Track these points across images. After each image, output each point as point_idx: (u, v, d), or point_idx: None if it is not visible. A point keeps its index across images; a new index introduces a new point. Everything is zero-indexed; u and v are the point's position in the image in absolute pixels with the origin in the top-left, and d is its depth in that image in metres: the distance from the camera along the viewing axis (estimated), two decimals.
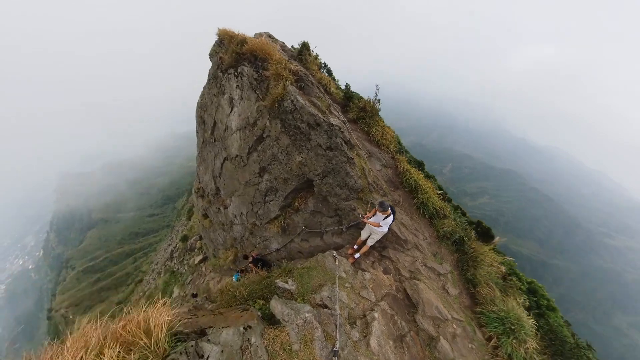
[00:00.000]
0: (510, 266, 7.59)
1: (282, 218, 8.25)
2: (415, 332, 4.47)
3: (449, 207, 7.55)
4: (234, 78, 7.96)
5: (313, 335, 3.27)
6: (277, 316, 3.46)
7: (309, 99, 6.25)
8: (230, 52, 7.67)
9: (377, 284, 5.12)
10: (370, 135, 7.94)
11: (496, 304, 5.61)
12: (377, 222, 5.08)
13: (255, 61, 7.10)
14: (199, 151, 14.57)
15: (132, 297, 30.57)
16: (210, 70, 10.33)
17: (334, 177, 5.93)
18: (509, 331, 5.11)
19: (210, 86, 10.03)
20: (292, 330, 3.22)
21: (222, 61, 8.47)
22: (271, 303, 3.67)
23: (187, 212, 37.92)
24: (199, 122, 12.67)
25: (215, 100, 9.71)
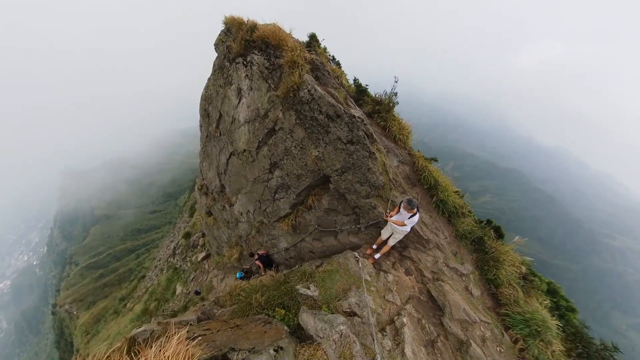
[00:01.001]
0: (529, 267, 7.40)
1: (293, 216, 7.99)
2: (444, 336, 4.29)
3: (467, 206, 7.34)
4: (242, 67, 7.50)
5: (352, 351, 3.02)
6: (310, 332, 3.19)
7: (326, 90, 5.95)
8: (239, 40, 7.23)
9: (401, 286, 4.92)
10: (386, 130, 7.67)
11: (520, 305, 5.44)
12: (402, 221, 4.85)
13: (266, 49, 6.68)
14: (202, 146, 14.18)
15: (135, 294, 30.59)
16: (215, 61, 9.80)
17: (354, 173, 5.67)
18: (534, 333, 4.95)
19: (215, 77, 9.57)
20: (330, 348, 2.96)
21: (229, 50, 8.02)
22: (302, 317, 3.39)
23: (189, 209, 37.78)
24: (202, 115, 12.17)
25: (221, 92, 9.25)
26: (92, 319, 36.35)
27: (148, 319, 19.93)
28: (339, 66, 10.78)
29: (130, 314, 25.00)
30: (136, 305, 25.22)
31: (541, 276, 7.64)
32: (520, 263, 6.89)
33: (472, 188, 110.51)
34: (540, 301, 6.14)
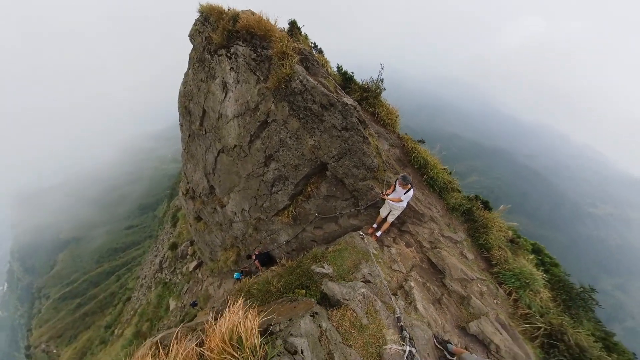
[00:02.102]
0: (515, 231, 8.49)
1: (292, 207, 8.46)
2: (447, 294, 5.07)
3: (457, 181, 8.25)
4: (226, 60, 7.67)
5: (375, 307, 3.63)
6: (337, 297, 3.72)
7: (317, 79, 6.45)
8: (221, 31, 7.35)
9: (404, 257, 5.66)
10: (375, 115, 8.35)
11: (509, 263, 6.40)
12: (398, 197, 5.55)
13: (252, 40, 6.92)
14: (185, 147, 14.07)
15: (122, 318, 29.74)
16: (192, 53, 9.75)
17: (351, 157, 6.29)
18: (524, 285, 5.90)
19: (195, 71, 9.57)
20: (357, 307, 3.53)
21: (209, 41, 8.10)
22: (327, 286, 3.90)
23: (171, 218, 36.95)
24: (183, 113, 11.96)
25: (203, 87, 9.30)
26: (77, 354, 34.92)
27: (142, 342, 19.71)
28: (322, 54, 11.23)
29: (120, 340, 24.42)
30: (126, 329, 24.65)
31: (526, 238, 8.79)
32: (507, 228, 7.93)
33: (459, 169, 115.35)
34: (527, 259, 7.19)
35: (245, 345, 2.28)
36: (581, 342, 4.98)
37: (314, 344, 2.77)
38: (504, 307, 5.66)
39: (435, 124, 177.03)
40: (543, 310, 5.77)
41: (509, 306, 5.79)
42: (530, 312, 5.63)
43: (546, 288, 6.30)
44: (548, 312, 5.76)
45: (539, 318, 5.55)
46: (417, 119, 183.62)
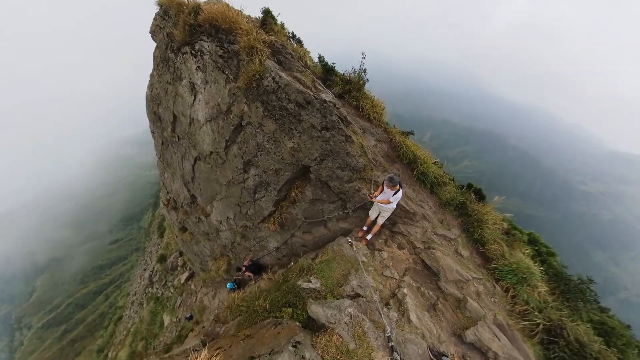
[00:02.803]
0: (510, 222, 8.49)
1: (278, 214, 8.20)
2: (443, 298, 4.94)
3: (447, 175, 8.12)
4: (191, 58, 7.19)
5: (364, 328, 3.44)
6: (321, 320, 3.53)
7: (291, 75, 6.08)
8: (182, 25, 6.79)
9: (396, 261, 5.49)
10: (359, 109, 8.06)
11: (506, 258, 6.35)
12: (387, 199, 5.33)
13: (217, 34, 6.43)
14: (159, 155, 13.49)
15: (115, 339, 28.97)
16: (155, 52, 9.14)
17: (334, 159, 6.01)
18: (522, 280, 5.86)
19: (160, 72, 9.02)
20: (343, 330, 3.33)
21: (171, 38, 7.55)
22: (311, 309, 3.71)
23: (158, 228, 36.04)
24: (152, 119, 11.39)
25: (170, 89, 8.79)
26: None
27: None
28: (300, 44, 10.74)
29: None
30: (120, 351, 24.05)
31: (521, 229, 8.82)
32: (502, 220, 7.90)
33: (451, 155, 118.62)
34: (523, 251, 7.17)
35: None
36: (581, 337, 4.98)
37: None
38: (501, 305, 5.61)
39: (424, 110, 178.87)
40: (541, 305, 5.75)
41: (507, 303, 5.74)
42: (529, 309, 5.61)
43: (544, 281, 6.29)
44: (546, 306, 5.75)
45: (537, 314, 5.53)
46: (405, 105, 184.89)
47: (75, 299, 58.26)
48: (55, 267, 75.72)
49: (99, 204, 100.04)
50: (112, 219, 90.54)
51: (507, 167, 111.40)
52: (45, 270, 75.66)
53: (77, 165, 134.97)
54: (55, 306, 59.33)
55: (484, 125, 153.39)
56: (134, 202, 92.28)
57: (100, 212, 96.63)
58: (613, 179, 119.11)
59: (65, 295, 61.94)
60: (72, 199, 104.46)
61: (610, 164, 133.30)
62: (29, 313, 61.84)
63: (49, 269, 75.68)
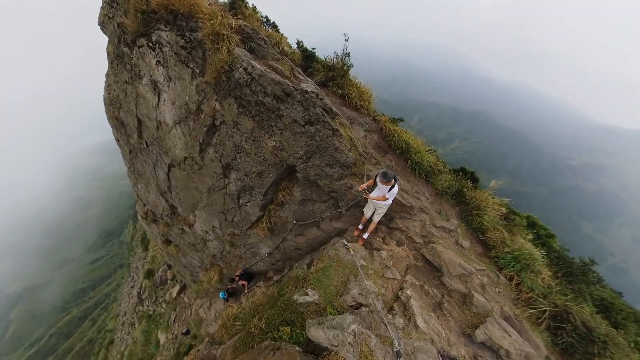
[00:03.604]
0: (508, 206, 8.49)
1: (267, 218, 7.84)
2: (448, 294, 4.81)
3: (441, 162, 7.96)
4: (149, 51, 6.51)
5: (370, 346, 3.21)
6: (323, 344, 3.28)
7: (266, 64, 5.60)
8: (133, 13, 6.09)
9: (396, 259, 5.30)
10: (345, 98, 7.69)
11: (507, 245, 6.30)
12: (382, 195, 5.09)
13: (175, 20, 5.79)
14: (128, 165, 12.64)
15: None
16: (108, 47, 8.30)
17: (321, 156, 5.65)
18: (525, 267, 5.83)
19: (116, 71, 8.25)
20: (348, 352, 3.09)
21: (123, 30, 6.79)
22: (310, 333, 3.44)
23: (141, 241, 34.82)
24: (115, 125, 10.53)
25: (130, 90, 8.07)
26: None
27: None
28: (276, 29, 10.15)
29: None
30: None
31: (520, 213, 8.86)
32: (500, 205, 7.87)
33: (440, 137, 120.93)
34: (523, 236, 7.17)
35: None
36: (587, 321, 4.99)
37: None
38: (506, 295, 5.56)
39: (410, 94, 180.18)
40: (546, 290, 5.76)
41: (512, 292, 5.71)
42: (534, 296, 5.59)
43: (546, 265, 6.30)
44: (551, 292, 5.76)
45: (543, 301, 5.52)
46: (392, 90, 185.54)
47: (58, 329, 55.21)
48: (30, 297, 70.44)
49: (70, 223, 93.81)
50: (88, 237, 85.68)
51: (496, 146, 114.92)
52: (19, 302, 70.19)
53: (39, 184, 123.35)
54: (36, 339, 55.93)
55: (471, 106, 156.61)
56: (110, 216, 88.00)
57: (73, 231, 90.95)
58: (597, 151, 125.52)
59: (46, 326, 58.41)
60: (37, 221, 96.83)
61: (594, 137, 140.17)
62: (6, 351, 58.01)
63: (23, 300, 70.32)
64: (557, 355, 5.26)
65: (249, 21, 8.31)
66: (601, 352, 5.03)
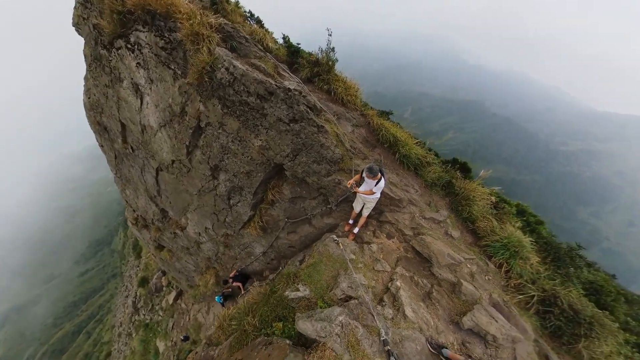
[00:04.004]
0: (497, 195, 8.70)
1: (258, 217, 7.94)
2: (437, 284, 4.97)
3: (431, 154, 8.10)
4: (128, 53, 6.48)
5: (357, 336, 3.36)
6: (311, 336, 3.42)
7: (248, 62, 5.64)
8: (109, 14, 6.01)
9: (386, 252, 5.44)
10: (332, 93, 7.76)
11: (497, 233, 6.49)
12: (369, 190, 5.20)
13: (154, 21, 5.78)
14: (115, 171, 12.53)
15: None
16: (85, 49, 8.22)
17: (307, 153, 5.73)
18: (514, 254, 6.03)
19: (94, 74, 8.21)
20: (335, 343, 3.24)
21: (99, 31, 6.74)
22: (299, 326, 3.58)
23: (133, 248, 34.60)
24: (97, 130, 10.45)
25: (111, 94, 8.04)
26: None
27: None
28: (260, 24, 10.09)
29: None
30: None
31: (510, 201, 9.08)
32: (489, 194, 8.06)
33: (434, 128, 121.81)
34: (512, 224, 7.37)
35: None
36: (574, 304, 5.20)
37: None
38: (496, 282, 5.75)
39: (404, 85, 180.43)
40: (534, 276, 5.97)
41: (501, 279, 5.90)
42: (522, 282, 5.79)
43: (534, 252, 6.51)
44: (539, 277, 5.97)
45: (531, 286, 5.72)
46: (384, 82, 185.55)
47: (51, 346, 53.68)
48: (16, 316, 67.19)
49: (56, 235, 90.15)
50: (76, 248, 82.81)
51: (491, 135, 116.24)
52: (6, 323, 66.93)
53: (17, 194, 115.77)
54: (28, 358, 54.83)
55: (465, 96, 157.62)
56: (99, 225, 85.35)
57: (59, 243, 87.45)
58: (590, 137, 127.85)
59: (37, 344, 56.46)
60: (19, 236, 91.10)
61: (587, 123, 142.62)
62: None
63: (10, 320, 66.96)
64: (547, 339, 5.48)
65: (231, 17, 8.29)
66: (587, 333, 5.25)
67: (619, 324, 7.09)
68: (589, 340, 5.22)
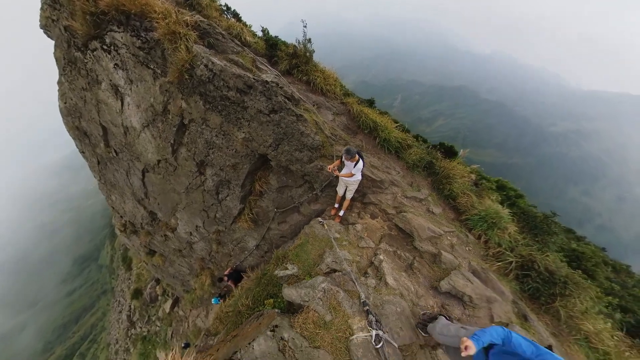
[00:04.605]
0: (478, 173, 9.26)
1: (248, 210, 8.27)
2: (419, 256, 5.43)
3: (410, 137, 8.56)
4: (104, 55, 6.65)
5: (338, 299, 3.77)
6: (296, 301, 3.81)
7: (226, 58, 5.93)
8: (81, 15, 6.09)
9: (371, 230, 5.86)
10: (311, 84, 8.11)
11: (476, 207, 7.00)
12: (349, 172, 5.60)
13: (129, 21, 5.96)
14: (99, 177, 12.56)
15: None
16: (56, 52, 8.29)
17: (289, 141, 6.09)
18: (492, 225, 6.55)
19: (70, 78, 8.30)
20: (318, 305, 3.64)
21: (72, 33, 6.86)
22: (284, 293, 3.98)
23: (123, 261, 34.33)
24: (77, 137, 10.50)
25: (89, 97, 8.16)
26: None
27: None
28: (237, 18, 10.28)
29: None
30: None
31: (490, 177, 9.68)
32: (470, 172, 8.59)
33: (424, 115, 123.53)
34: (491, 198, 7.93)
35: None
36: (550, 265, 5.73)
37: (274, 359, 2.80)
38: (475, 252, 6.25)
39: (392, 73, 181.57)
40: (512, 244, 6.50)
41: (481, 249, 6.42)
42: (501, 250, 6.31)
43: (513, 222, 7.07)
44: (517, 245, 6.50)
45: (509, 253, 6.25)
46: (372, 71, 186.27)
47: None
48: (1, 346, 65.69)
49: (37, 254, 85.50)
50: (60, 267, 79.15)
51: (481, 120, 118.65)
52: None
53: None
54: None
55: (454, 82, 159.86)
56: (84, 240, 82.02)
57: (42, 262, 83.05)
58: (578, 116, 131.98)
59: None
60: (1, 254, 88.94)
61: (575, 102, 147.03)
62: None
63: None
64: (527, 301, 6.02)
65: (207, 12, 8.49)
66: (562, 292, 5.79)
67: (603, 289, 7.84)
68: (565, 299, 5.75)
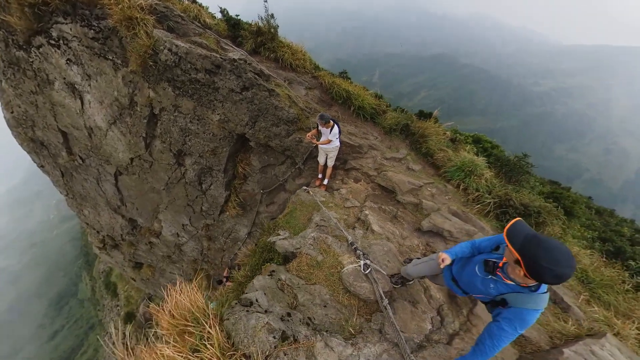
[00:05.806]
0: (454, 131, 10.14)
1: (234, 196, 8.72)
2: (402, 208, 6.19)
3: (384, 102, 9.26)
4: (53, 51, 6.57)
5: (327, 242, 4.44)
6: (289, 250, 4.45)
7: (189, 40, 6.30)
8: (19, 9, 5.88)
9: (355, 193, 6.55)
10: (280, 61, 8.57)
11: (452, 160, 7.83)
12: (327, 139, 6.21)
13: (76, 10, 5.93)
14: (65, 192, 12.34)
15: None
16: None
17: (265, 117, 6.61)
18: (469, 173, 7.42)
19: (14, 82, 8.00)
20: (309, 250, 4.30)
21: (9, 30, 6.57)
22: (277, 245, 4.60)
23: (106, 288, 34.02)
24: (33, 149, 10.25)
25: (41, 101, 8.03)
26: None
27: None
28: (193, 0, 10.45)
29: None
30: None
31: (466, 133, 10.58)
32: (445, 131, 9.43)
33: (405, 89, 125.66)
34: (467, 150, 8.81)
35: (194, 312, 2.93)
36: (524, 200, 6.62)
37: (273, 293, 3.41)
38: (455, 199, 7.10)
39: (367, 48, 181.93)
40: (490, 187, 7.39)
41: (460, 196, 7.27)
42: (480, 194, 7.18)
43: (489, 169, 7.96)
44: (494, 187, 7.40)
45: (487, 196, 7.13)
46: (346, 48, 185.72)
47: None
48: None
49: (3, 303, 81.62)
50: (34, 311, 75.21)
51: (463, 87, 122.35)
52: None
53: None
54: None
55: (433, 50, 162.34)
56: (56, 276, 77.12)
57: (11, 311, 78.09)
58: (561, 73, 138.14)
59: None
60: None
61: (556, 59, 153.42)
62: None
63: None
64: None
65: None
66: (537, 221, 6.73)
67: (581, 224, 8.94)
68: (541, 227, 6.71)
